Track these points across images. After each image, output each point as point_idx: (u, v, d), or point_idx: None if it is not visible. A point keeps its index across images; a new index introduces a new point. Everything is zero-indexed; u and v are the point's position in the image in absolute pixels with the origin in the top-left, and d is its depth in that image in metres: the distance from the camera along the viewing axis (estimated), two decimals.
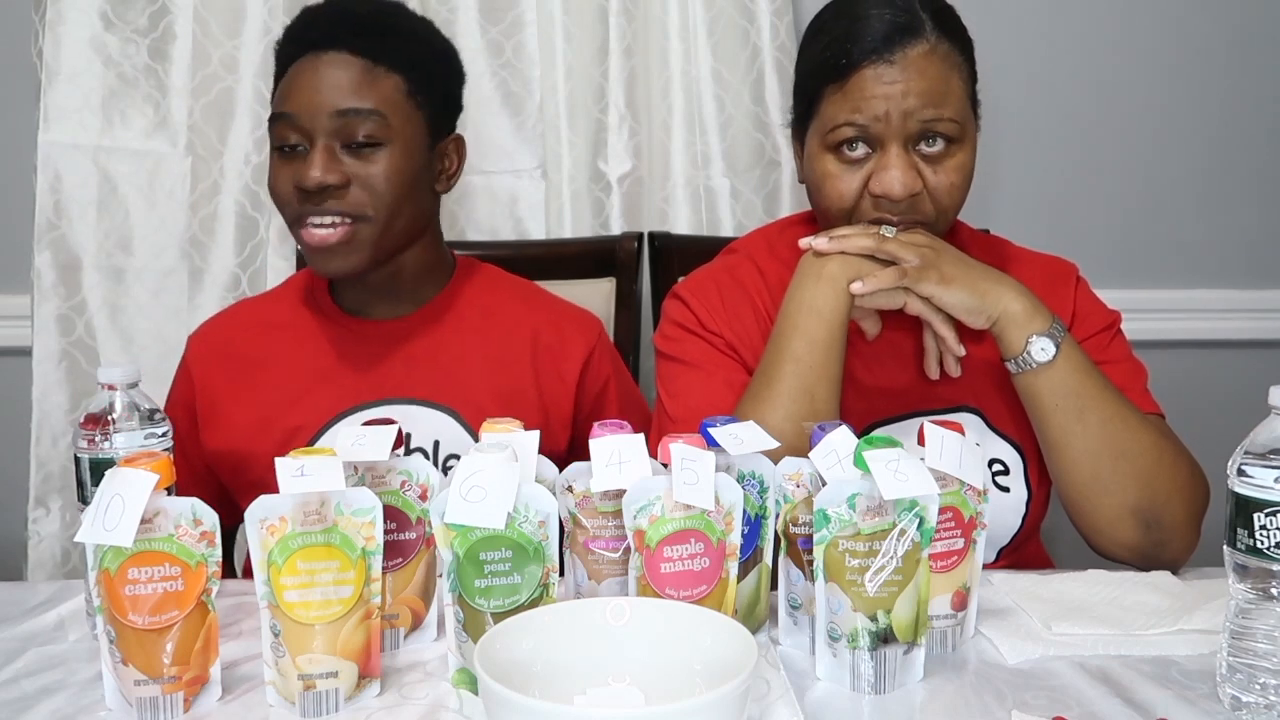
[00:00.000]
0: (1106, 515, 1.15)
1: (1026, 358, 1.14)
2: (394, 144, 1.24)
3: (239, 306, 1.46)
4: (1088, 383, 1.14)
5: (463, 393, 1.31)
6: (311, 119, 1.22)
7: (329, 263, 1.26)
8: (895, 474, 0.87)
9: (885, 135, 1.16)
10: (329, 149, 1.22)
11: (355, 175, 1.23)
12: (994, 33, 1.42)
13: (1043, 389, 1.15)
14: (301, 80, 1.24)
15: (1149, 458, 1.14)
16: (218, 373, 1.34)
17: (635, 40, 1.82)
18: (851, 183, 1.18)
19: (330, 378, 1.31)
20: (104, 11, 1.76)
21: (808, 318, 1.16)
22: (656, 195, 1.86)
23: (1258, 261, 2.01)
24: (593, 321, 1.42)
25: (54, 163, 1.77)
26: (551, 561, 0.87)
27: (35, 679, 0.93)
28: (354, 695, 0.87)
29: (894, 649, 0.88)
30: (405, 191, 1.26)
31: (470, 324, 1.36)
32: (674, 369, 1.28)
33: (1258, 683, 0.83)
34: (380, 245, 1.26)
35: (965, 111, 1.19)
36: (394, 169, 1.24)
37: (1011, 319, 1.14)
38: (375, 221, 1.24)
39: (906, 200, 1.16)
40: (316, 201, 1.23)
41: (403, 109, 1.26)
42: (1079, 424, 1.14)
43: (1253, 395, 0.94)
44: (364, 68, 1.23)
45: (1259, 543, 0.81)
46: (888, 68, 1.14)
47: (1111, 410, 1.14)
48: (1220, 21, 1.95)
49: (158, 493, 0.84)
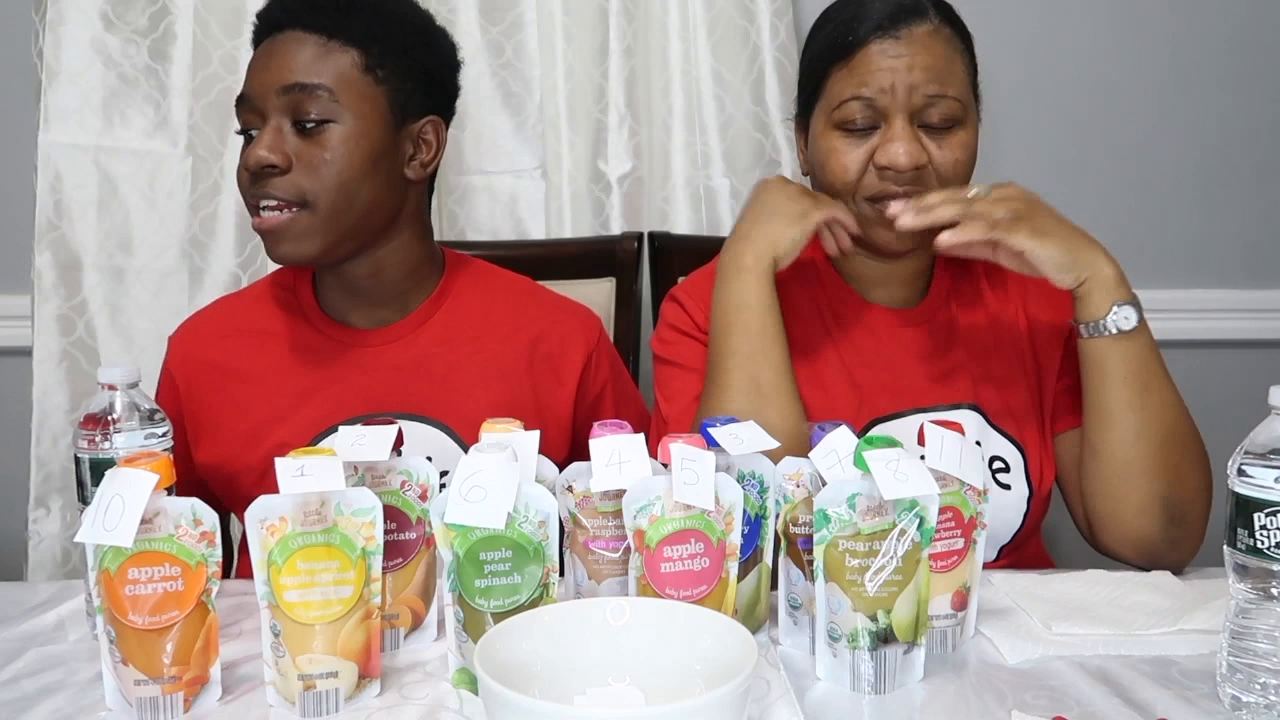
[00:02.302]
0: (1136, 501, 1.15)
1: (1108, 323, 1.14)
2: (343, 123, 1.18)
3: (220, 308, 1.38)
4: (1157, 362, 1.16)
5: (456, 406, 1.26)
6: (262, 98, 1.18)
7: (276, 248, 1.19)
8: (895, 474, 0.87)
9: (890, 108, 1.17)
10: (277, 129, 1.18)
11: (300, 156, 1.17)
12: (994, 32, 1.42)
13: (1117, 358, 1.14)
14: (257, 61, 1.21)
15: (1190, 451, 1.16)
16: (201, 383, 1.29)
17: (635, 40, 1.82)
18: (857, 156, 1.19)
19: (316, 391, 1.26)
20: (104, 12, 1.76)
21: (737, 313, 1.19)
22: (656, 195, 1.86)
23: (1258, 261, 2.01)
24: (592, 320, 1.39)
25: (54, 163, 1.77)
26: (551, 561, 0.87)
27: (35, 679, 0.93)
28: (354, 695, 0.87)
29: (894, 649, 0.88)
30: (355, 175, 1.18)
31: (463, 331, 1.31)
32: (669, 372, 1.29)
33: (1258, 683, 0.83)
34: (332, 232, 1.19)
35: (968, 95, 1.20)
36: (341, 149, 1.17)
37: (1101, 282, 1.14)
38: (317, 208, 1.17)
39: (911, 172, 1.17)
40: (262, 184, 1.18)
41: (356, 85, 1.19)
42: (1141, 399, 1.14)
43: (1253, 395, 0.94)
44: (317, 43, 1.18)
45: (1259, 543, 0.81)
46: (893, 43, 1.17)
47: (1172, 395, 1.16)
48: (1220, 21, 1.95)
49: (158, 493, 0.84)
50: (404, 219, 1.27)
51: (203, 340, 1.32)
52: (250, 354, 1.29)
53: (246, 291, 1.40)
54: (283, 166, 1.17)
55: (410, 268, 1.30)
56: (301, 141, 1.18)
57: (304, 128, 1.18)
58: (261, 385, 1.27)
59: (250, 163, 1.17)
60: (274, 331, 1.30)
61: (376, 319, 1.30)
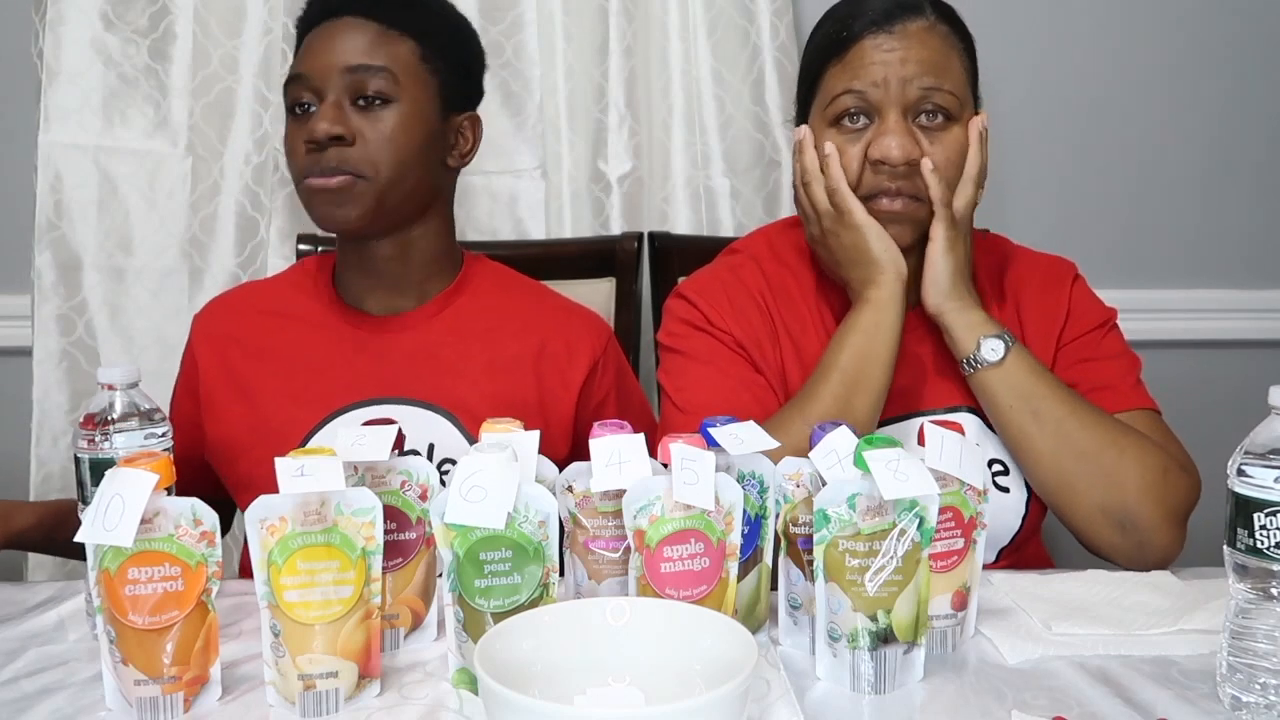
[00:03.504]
0: (1080, 516, 1.17)
1: (976, 357, 1.18)
2: (402, 103, 1.25)
3: (244, 290, 1.45)
4: (1039, 384, 1.17)
5: (462, 396, 1.29)
6: (323, 77, 1.24)
7: (328, 209, 1.24)
8: (895, 474, 0.87)
9: (884, 103, 1.17)
10: (338, 104, 1.24)
11: (360, 131, 1.23)
12: (994, 33, 1.42)
13: (999, 388, 1.18)
14: (316, 44, 1.27)
15: (1109, 456, 1.15)
16: (219, 358, 1.33)
17: (635, 40, 1.82)
18: (853, 154, 1.19)
19: (327, 374, 1.30)
20: (104, 11, 1.77)
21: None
22: (656, 195, 1.86)
23: (1258, 261, 2.01)
24: (601, 327, 1.40)
25: (54, 163, 1.77)
26: (551, 561, 0.87)
27: (35, 679, 0.93)
28: (354, 695, 0.87)
29: (894, 649, 0.88)
30: (411, 154, 1.25)
31: (475, 325, 1.34)
32: (681, 363, 1.28)
33: (1258, 683, 0.83)
34: (382, 204, 1.25)
35: (964, 92, 1.20)
36: (400, 128, 1.24)
37: (961, 316, 1.20)
38: (375, 180, 1.23)
39: (905, 167, 1.17)
40: (323, 154, 1.23)
41: (414, 71, 1.26)
42: (1034, 425, 1.17)
43: (1253, 395, 0.94)
44: (377, 30, 1.26)
45: (1259, 543, 0.81)
46: (887, 37, 1.17)
47: (1065, 410, 1.16)
48: (1220, 21, 1.95)
49: (158, 493, 0.84)
50: (436, 206, 1.34)
51: (223, 318, 1.37)
52: (266, 333, 1.33)
53: (272, 277, 1.48)
54: (348, 139, 1.23)
55: (432, 255, 1.34)
56: (360, 117, 1.24)
57: (368, 104, 1.24)
58: (274, 365, 1.31)
59: (317, 134, 1.22)
60: (290, 314, 1.35)
61: (392, 306, 1.34)
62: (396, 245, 1.30)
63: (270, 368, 1.31)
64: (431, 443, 1.27)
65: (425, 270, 1.34)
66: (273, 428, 1.26)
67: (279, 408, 1.28)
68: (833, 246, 1.22)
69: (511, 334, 1.34)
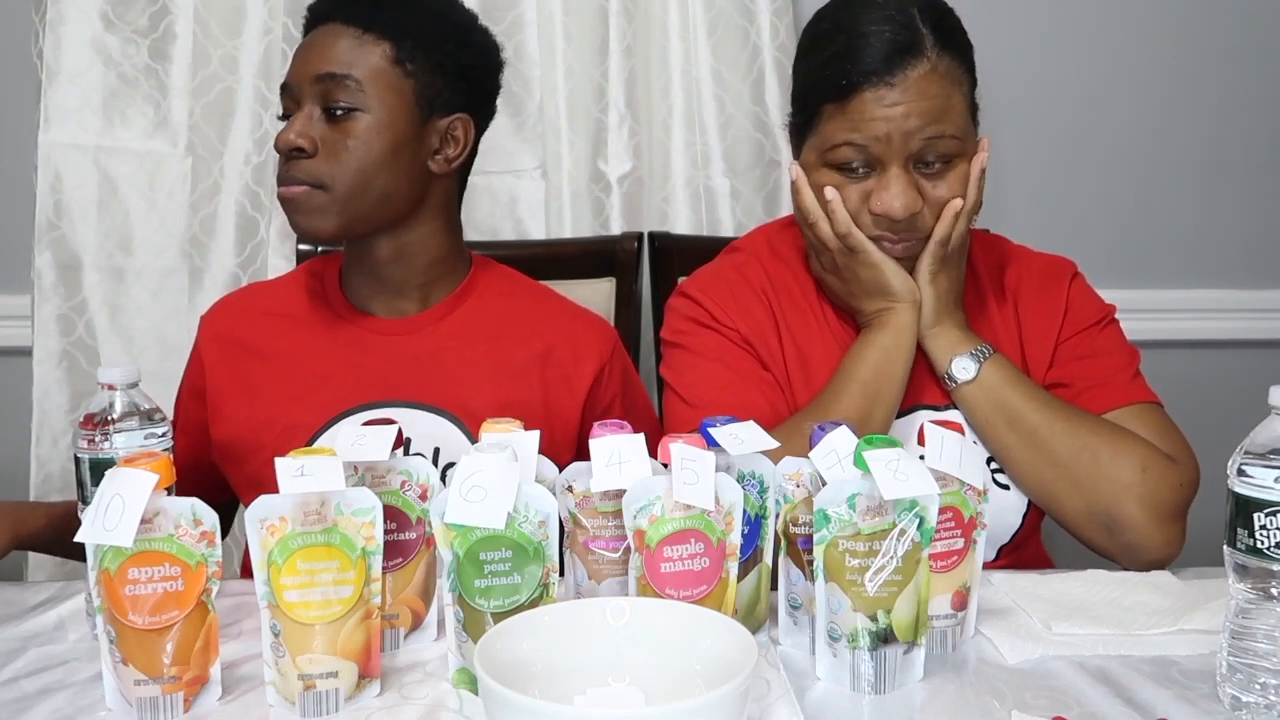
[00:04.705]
0: (1068, 522, 1.20)
1: (949, 374, 1.21)
2: (370, 113, 1.23)
3: (250, 291, 1.45)
4: (1014, 396, 1.20)
5: (467, 400, 1.28)
6: (299, 87, 1.25)
7: (293, 217, 1.26)
8: (895, 474, 0.87)
9: (886, 156, 1.16)
10: (309, 115, 1.24)
11: (325, 141, 1.23)
12: (994, 33, 1.43)
13: (971, 403, 1.21)
14: (299, 53, 1.27)
15: (1083, 461, 1.17)
16: (225, 359, 1.33)
17: (635, 40, 1.82)
18: (851, 196, 1.19)
19: (332, 376, 1.29)
20: (104, 11, 1.77)
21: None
22: (656, 195, 1.86)
23: (1258, 261, 2.02)
24: (607, 332, 1.40)
25: (54, 163, 1.78)
26: (551, 561, 0.87)
27: (35, 679, 0.93)
28: (354, 695, 0.87)
29: (894, 649, 0.88)
30: (374, 163, 1.23)
31: (481, 329, 1.33)
32: (688, 359, 1.28)
33: (1258, 683, 0.83)
34: (346, 213, 1.24)
35: (966, 126, 1.19)
36: (362, 138, 1.23)
37: (940, 339, 1.22)
38: (334, 190, 1.22)
39: (906, 219, 1.17)
40: (290, 164, 1.25)
41: (384, 77, 1.24)
42: (1012, 436, 1.20)
43: (1253, 395, 0.94)
44: (352, 35, 1.24)
45: (1259, 543, 0.81)
46: (888, 90, 1.14)
47: (1040, 419, 1.18)
48: (1220, 21, 1.95)
49: (158, 493, 0.84)
50: (429, 210, 1.31)
51: (230, 318, 1.37)
52: (272, 335, 1.33)
53: (280, 278, 1.47)
54: (309, 150, 1.23)
55: (434, 258, 1.33)
56: (329, 128, 1.24)
57: (333, 115, 1.24)
58: (280, 366, 1.31)
59: (279, 145, 1.24)
60: (297, 315, 1.35)
61: (397, 309, 1.33)
62: (392, 248, 1.30)
63: (276, 370, 1.31)
64: (437, 446, 1.27)
65: (427, 273, 1.33)
66: (279, 430, 1.26)
67: (285, 410, 1.28)
68: (847, 279, 1.23)
69: (518, 338, 1.33)
